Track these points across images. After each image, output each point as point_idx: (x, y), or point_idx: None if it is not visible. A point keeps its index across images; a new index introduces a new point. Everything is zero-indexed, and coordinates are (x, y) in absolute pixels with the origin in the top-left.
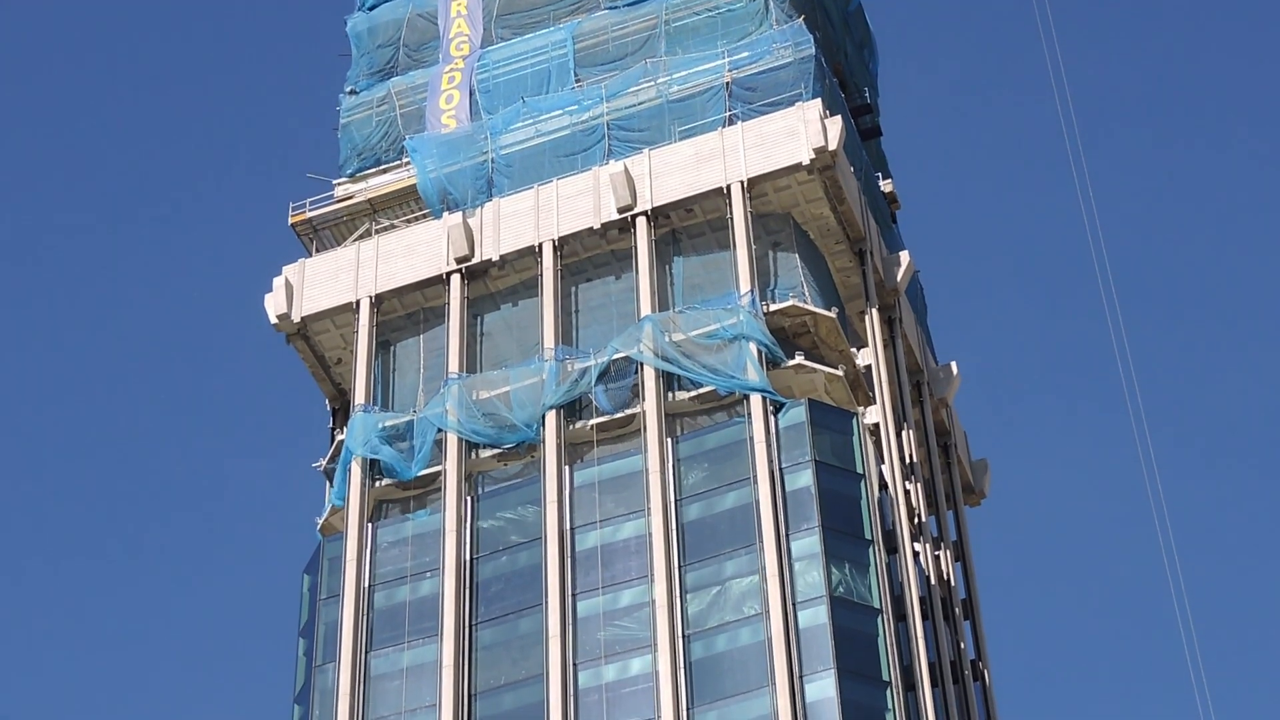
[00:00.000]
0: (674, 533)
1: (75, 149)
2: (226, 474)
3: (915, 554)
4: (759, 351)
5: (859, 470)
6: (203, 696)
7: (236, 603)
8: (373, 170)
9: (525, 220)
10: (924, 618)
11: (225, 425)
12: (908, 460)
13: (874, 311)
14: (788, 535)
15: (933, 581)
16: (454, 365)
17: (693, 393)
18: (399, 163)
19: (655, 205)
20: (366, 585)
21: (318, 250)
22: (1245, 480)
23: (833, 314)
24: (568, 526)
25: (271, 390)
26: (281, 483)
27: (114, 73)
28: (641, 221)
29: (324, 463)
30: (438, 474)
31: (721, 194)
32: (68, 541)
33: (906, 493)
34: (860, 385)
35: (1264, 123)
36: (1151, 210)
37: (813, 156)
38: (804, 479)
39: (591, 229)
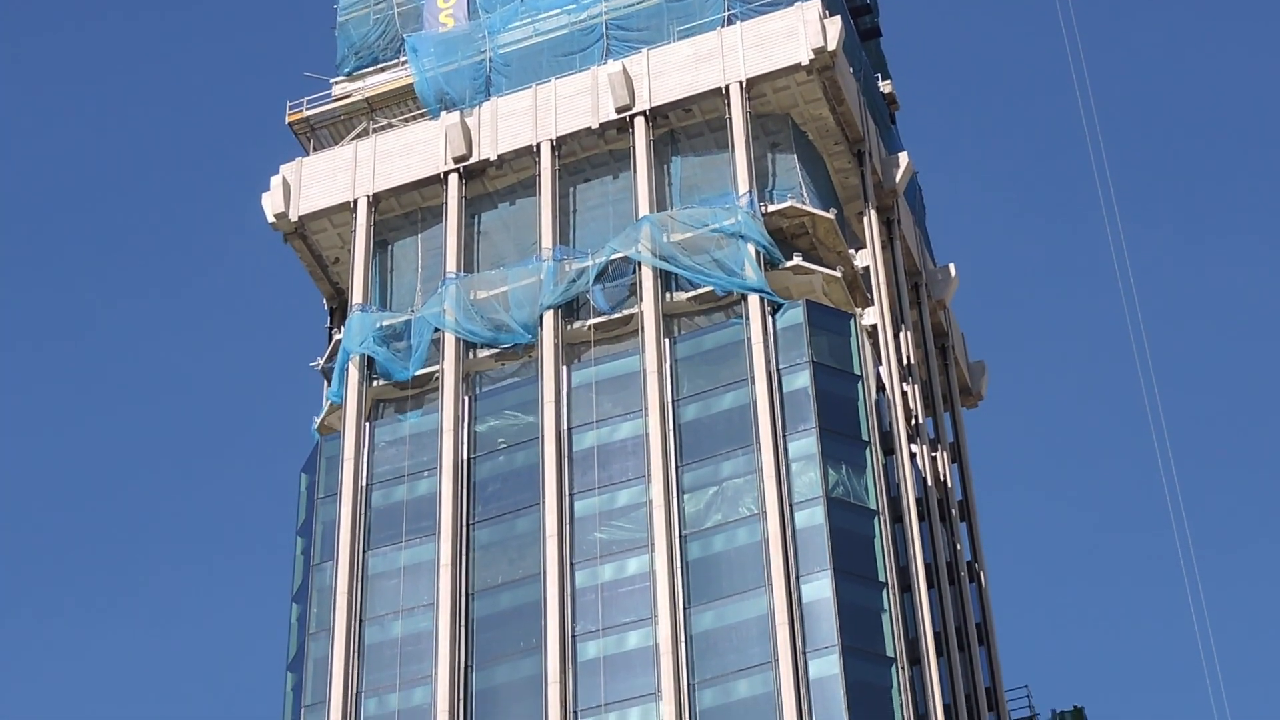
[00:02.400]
0: (671, 433)
1: (73, 45)
2: (224, 373)
3: (912, 455)
4: (757, 252)
5: (856, 371)
6: (202, 595)
7: (234, 502)
8: (370, 69)
9: (523, 120)
10: (920, 519)
11: (223, 324)
12: (905, 362)
13: (872, 213)
14: (785, 436)
15: (929, 483)
16: (451, 265)
17: (690, 293)
18: (396, 61)
19: (653, 105)
20: (364, 484)
21: (315, 149)
22: (1242, 378)
23: (831, 215)
24: (565, 426)
25: (269, 289)
26: (279, 382)
27: None
28: (640, 121)
29: (321, 362)
30: (435, 374)
31: (720, 94)
32: (66, 441)
33: (904, 394)
34: (858, 286)
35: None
36: (1151, 110)
37: (812, 57)
38: (801, 380)
39: (589, 129)
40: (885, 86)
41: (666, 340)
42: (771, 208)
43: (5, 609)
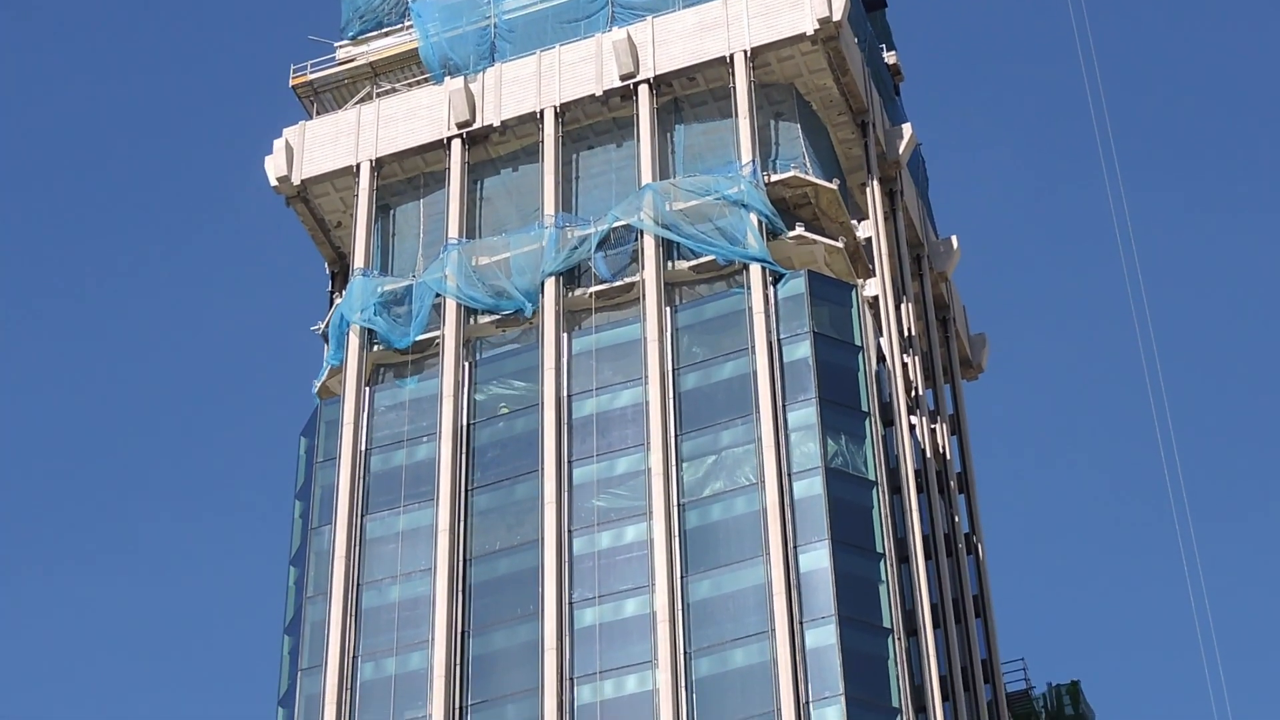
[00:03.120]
0: (671, 401)
1: (77, 6)
2: (225, 335)
3: (911, 427)
4: (759, 221)
5: (857, 342)
6: (200, 556)
7: (234, 465)
8: (374, 33)
9: (527, 86)
10: (919, 491)
11: (224, 286)
12: (906, 333)
13: (875, 184)
14: (784, 406)
15: (928, 455)
16: (454, 231)
17: (692, 262)
18: (401, 26)
19: (657, 73)
20: (363, 449)
21: (318, 113)
22: (1243, 350)
23: (834, 185)
24: (565, 393)
25: (271, 253)
26: (280, 346)
27: None
28: (643, 89)
29: (322, 326)
30: (436, 339)
31: (724, 63)
32: (64, 405)
33: (904, 366)
34: (860, 257)
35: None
36: (1157, 82)
37: (817, 27)
38: (802, 350)
39: (593, 96)
40: (890, 57)
41: (667, 308)
42: (774, 177)
43: (3, 568)
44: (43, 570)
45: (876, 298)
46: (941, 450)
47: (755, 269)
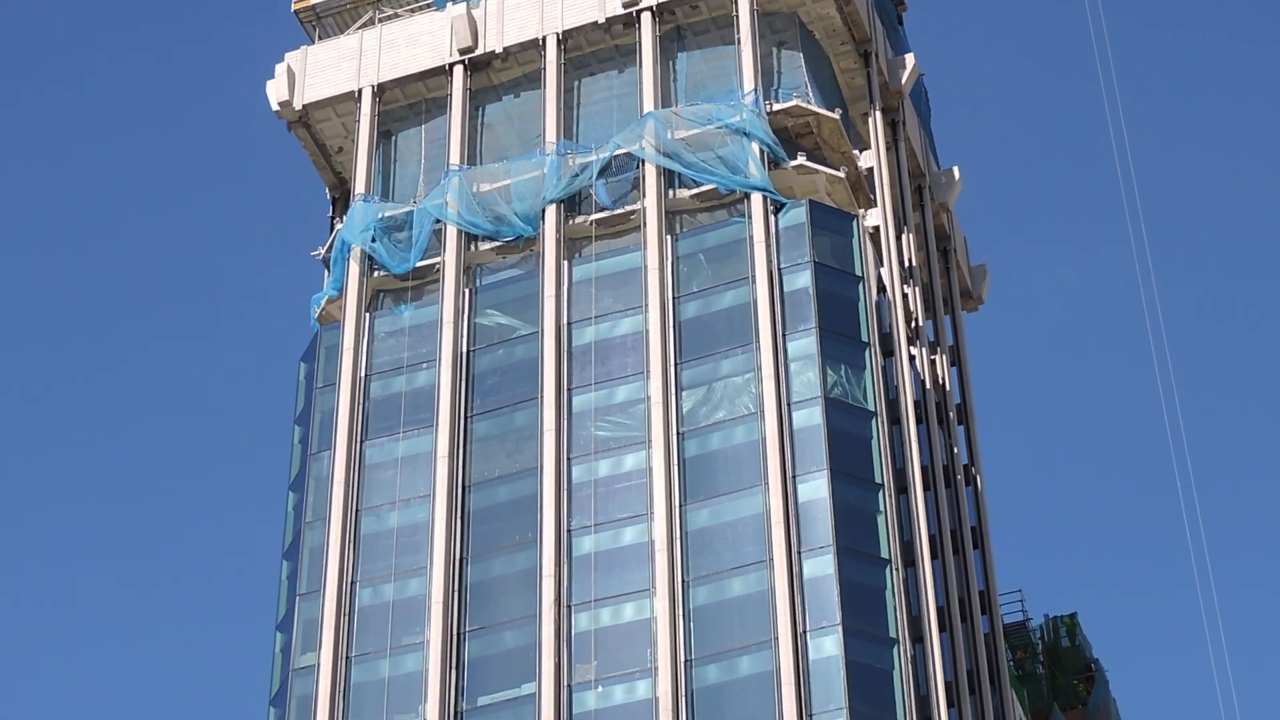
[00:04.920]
0: (670, 330)
1: None
2: (226, 261)
3: (911, 358)
4: (761, 150)
5: (858, 272)
6: (198, 481)
7: (233, 389)
8: None
9: (529, 13)
10: (918, 421)
11: (225, 212)
12: (907, 264)
13: (877, 114)
14: (784, 335)
15: (928, 385)
16: (455, 157)
17: (693, 190)
18: None
19: (660, 1)
20: (363, 375)
21: (321, 38)
22: (1243, 279)
23: (836, 115)
24: (565, 321)
25: (272, 178)
26: (281, 271)
27: None
28: (646, 17)
29: (323, 251)
30: (436, 266)
31: None
32: (66, 328)
33: (904, 296)
34: (861, 187)
35: None
36: (1159, 8)
37: None
38: (802, 280)
39: (596, 23)
40: None
41: (668, 237)
42: (776, 106)
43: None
44: (43, 498)
45: (877, 228)
46: (941, 381)
47: (756, 198)
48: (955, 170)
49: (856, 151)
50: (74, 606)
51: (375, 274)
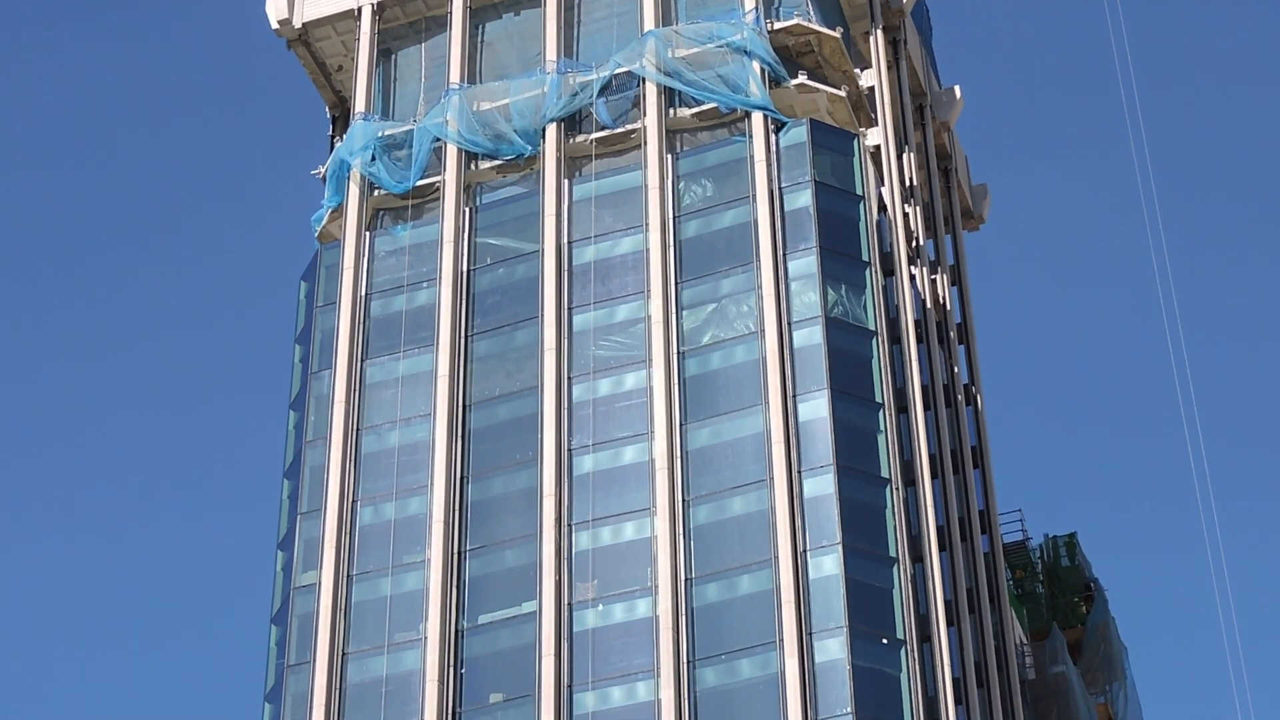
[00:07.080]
0: (671, 249)
1: None
2: (227, 179)
3: (912, 277)
4: (762, 69)
5: (858, 191)
6: (198, 400)
7: (233, 308)
8: None
9: None
10: (919, 341)
11: (225, 130)
12: (908, 183)
13: (879, 32)
14: (785, 255)
15: (928, 305)
16: (455, 76)
17: (694, 109)
18: None
19: None
20: (363, 294)
21: None
22: (1249, 201)
23: (837, 34)
24: (565, 240)
25: (272, 97)
26: (281, 190)
27: None
28: None
29: (323, 170)
30: (436, 184)
31: None
32: (67, 245)
33: (905, 215)
34: (862, 106)
35: None
36: None
37: None
38: (803, 199)
39: None
40: None
41: (669, 156)
42: (777, 25)
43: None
44: (42, 416)
45: (878, 147)
46: (942, 301)
47: (757, 117)
48: (956, 89)
49: (857, 70)
50: (74, 516)
51: (375, 193)
